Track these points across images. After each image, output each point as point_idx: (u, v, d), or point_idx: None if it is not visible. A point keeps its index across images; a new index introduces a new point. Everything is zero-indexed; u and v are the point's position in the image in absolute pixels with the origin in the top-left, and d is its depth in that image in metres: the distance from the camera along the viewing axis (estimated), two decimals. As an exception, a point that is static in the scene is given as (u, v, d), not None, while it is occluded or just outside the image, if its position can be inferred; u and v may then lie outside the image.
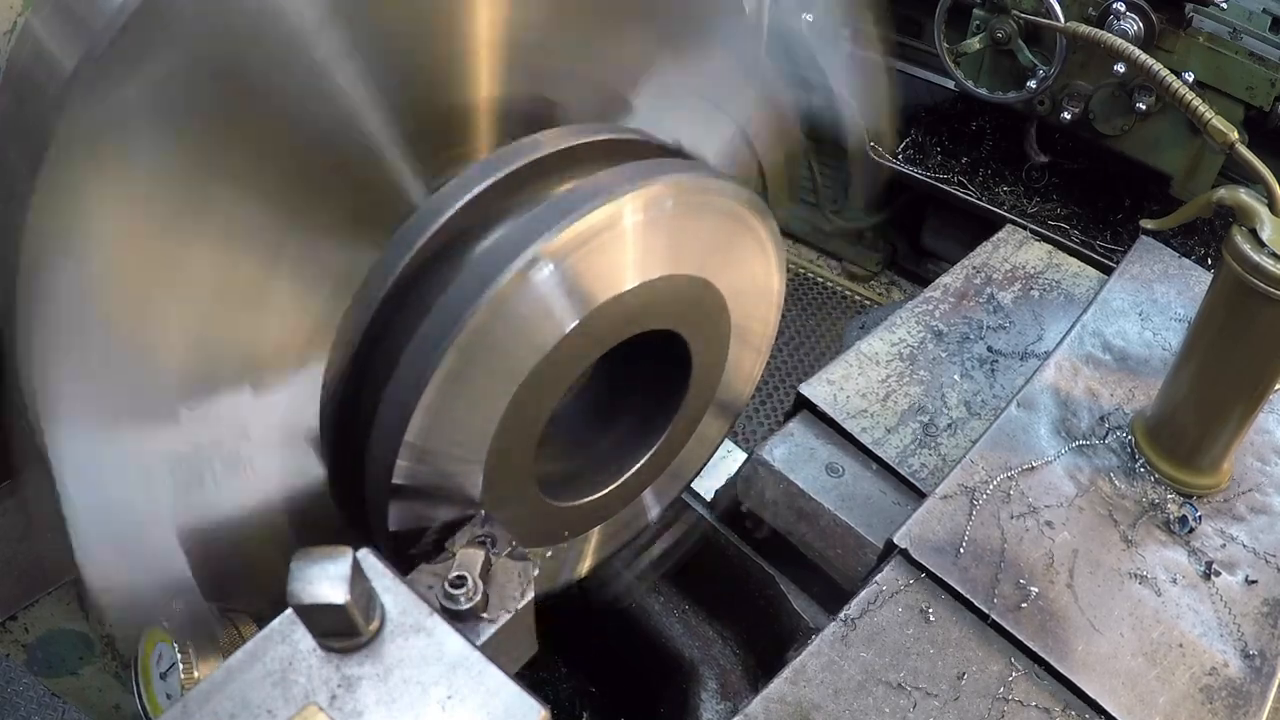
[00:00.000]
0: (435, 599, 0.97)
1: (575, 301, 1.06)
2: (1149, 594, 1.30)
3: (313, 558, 0.78)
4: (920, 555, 1.28)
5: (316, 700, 0.80)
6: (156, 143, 0.89)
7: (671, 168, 1.13)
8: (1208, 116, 1.29)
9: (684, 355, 1.28)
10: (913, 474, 1.55)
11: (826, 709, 1.15)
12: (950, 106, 3.11)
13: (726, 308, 1.28)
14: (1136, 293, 1.79)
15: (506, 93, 1.13)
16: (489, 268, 1.00)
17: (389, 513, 1.04)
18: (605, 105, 1.25)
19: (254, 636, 0.85)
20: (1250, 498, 1.45)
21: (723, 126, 1.39)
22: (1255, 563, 1.36)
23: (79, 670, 1.88)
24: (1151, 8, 2.37)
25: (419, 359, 0.99)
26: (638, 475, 1.37)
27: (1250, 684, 1.22)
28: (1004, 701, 1.17)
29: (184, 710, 0.81)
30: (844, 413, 1.62)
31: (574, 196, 1.04)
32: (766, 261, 1.30)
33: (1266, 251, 1.20)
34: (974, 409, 1.65)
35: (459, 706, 0.82)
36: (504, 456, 1.10)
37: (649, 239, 1.09)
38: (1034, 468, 1.43)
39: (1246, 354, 1.30)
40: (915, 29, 2.96)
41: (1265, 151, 1.34)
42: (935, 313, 1.82)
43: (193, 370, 1.00)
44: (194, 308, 0.98)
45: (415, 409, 0.98)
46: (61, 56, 0.91)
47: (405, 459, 1.01)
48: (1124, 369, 1.62)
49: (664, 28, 1.26)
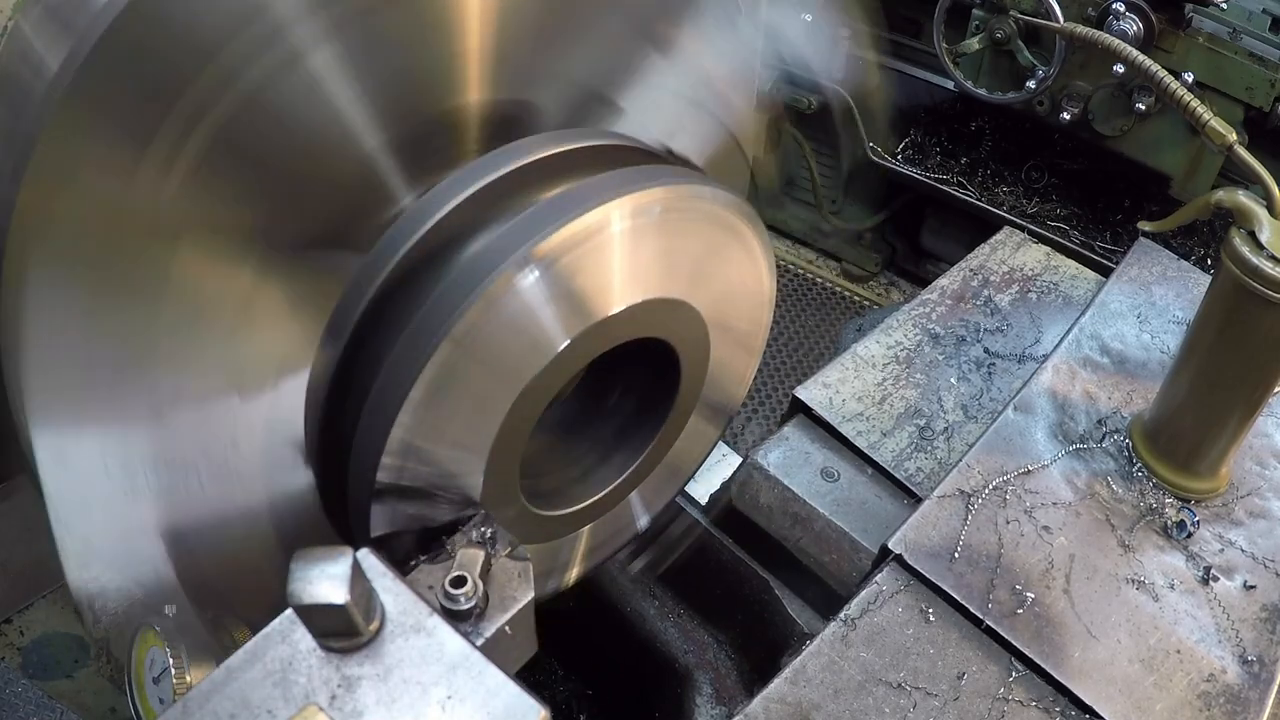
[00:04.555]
0: (435, 599, 0.97)
1: (568, 307, 1.05)
2: (1146, 599, 1.29)
3: (313, 558, 0.77)
4: (915, 560, 1.28)
5: (316, 700, 0.80)
6: (143, 147, 0.88)
7: (661, 174, 1.13)
8: (1206, 118, 1.28)
9: (673, 361, 1.27)
10: (909, 478, 1.54)
11: (826, 709, 1.14)
12: (949, 107, 3.10)
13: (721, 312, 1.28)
14: (1135, 295, 1.78)
15: (492, 98, 1.12)
16: (479, 269, 0.99)
17: (371, 515, 1.03)
18: (593, 109, 1.24)
19: (254, 636, 0.84)
20: (1249, 502, 1.44)
21: (713, 127, 1.38)
22: (1254, 568, 1.35)
23: (74, 673, 1.87)
24: (1151, 8, 2.36)
25: (406, 359, 0.98)
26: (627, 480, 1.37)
27: (1249, 690, 1.21)
28: (1004, 701, 1.16)
29: (184, 710, 0.80)
30: (840, 416, 1.61)
31: (564, 201, 1.03)
32: (756, 266, 1.30)
33: (1265, 254, 1.19)
34: (970, 412, 1.65)
35: (459, 706, 0.81)
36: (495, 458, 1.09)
37: (638, 245, 1.09)
38: (1031, 471, 1.42)
39: (1245, 357, 1.29)
40: (914, 29, 2.95)
41: (1265, 152, 1.33)
42: (932, 315, 1.81)
43: (178, 375, 0.99)
44: (179, 313, 0.97)
45: (403, 407, 0.97)
46: (47, 58, 0.91)
47: (391, 456, 1.00)
48: (1122, 372, 1.61)
49: (652, 30, 1.25)
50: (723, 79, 1.37)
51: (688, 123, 1.34)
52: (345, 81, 0.97)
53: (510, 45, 1.10)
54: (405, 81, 1.04)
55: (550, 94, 1.19)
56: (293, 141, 0.97)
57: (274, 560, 1.13)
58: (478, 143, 1.13)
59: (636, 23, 1.23)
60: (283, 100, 0.94)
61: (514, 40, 1.10)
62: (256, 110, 0.92)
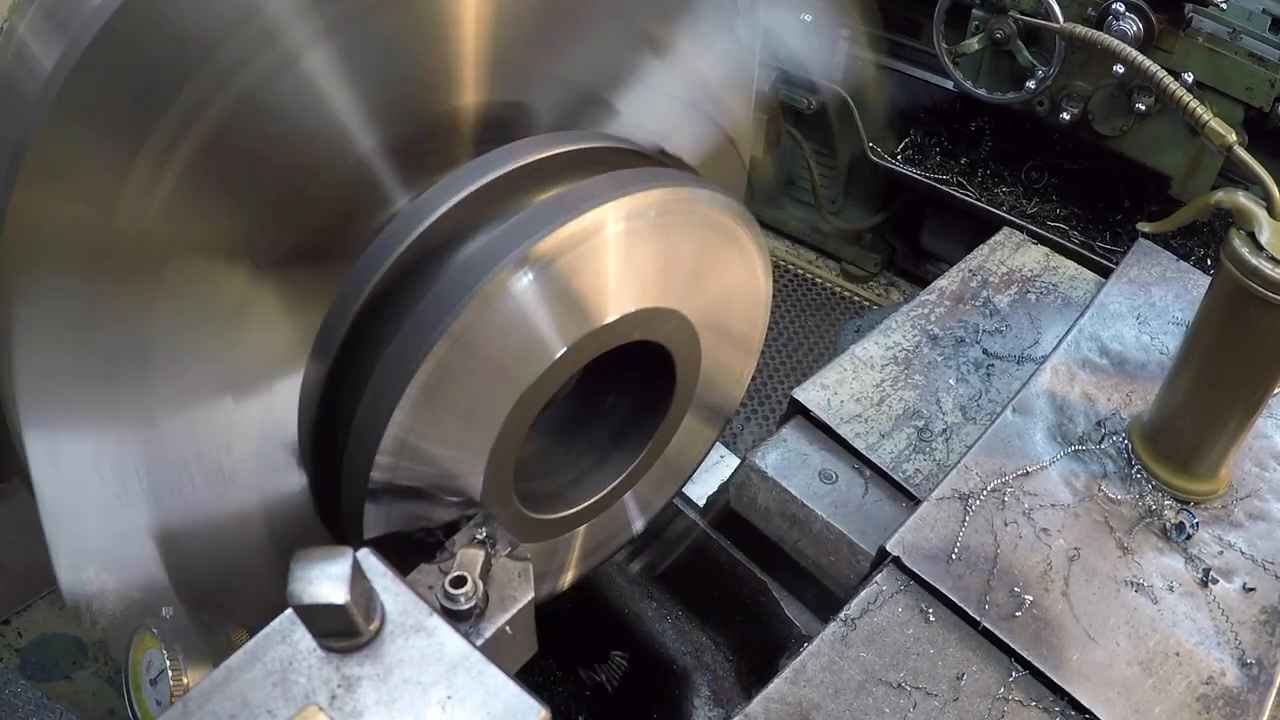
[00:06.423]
0: (435, 599, 0.97)
1: (565, 308, 1.05)
2: (1145, 602, 1.28)
3: (313, 558, 0.77)
4: (913, 562, 1.27)
5: (316, 700, 0.80)
6: (137, 149, 0.88)
7: (657, 176, 1.12)
8: (1205, 118, 1.27)
9: (669, 363, 1.27)
10: (907, 479, 1.54)
11: (826, 709, 1.14)
12: (949, 107, 3.10)
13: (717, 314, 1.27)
14: (1134, 296, 1.77)
15: (488, 99, 1.12)
16: (476, 269, 0.99)
17: (365, 515, 1.03)
18: (589, 110, 1.24)
19: (254, 636, 0.84)
20: (1248, 504, 1.43)
21: (709, 129, 1.38)
22: (1253, 570, 1.34)
23: (73, 674, 1.87)
24: (1151, 8, 2.36)
25: (402, 357, 0.98)
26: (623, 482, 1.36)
27: (1248, 693, 1.20)
28: (1004, 701, 1.16)
29: (184, 710, 0.80)
30: (838, 418, 1.61)
31: (560, 202, 1.03)
32: (751, 267, 1.30)
33: (1265, 255, 1.19)
34: (969, 414, 1.64)
35: (459, 707, 0.81)
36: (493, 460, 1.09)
37: (634, 247, 1.09)
38: (1029, 473, 1.41)
39: (1245, 358, 1.29)
40: (914, 29, 2.95)
41: (1265, 153, 1.33)
42: (931, 316, 1.81)
43: (171, 376, 0.99)
44: (172, 314, 0.97)
45: (399, 405, 0.97)
46: (43, 58, 0.90)
47: (386, 455, 0.99)
48: (1121, 373, 1.61)
49: (648, 30, 1.25)
50: (720, 81, 1.36)
51: (684, 124, 1.34)
52: (340, 83, 0.97)
53: (506, 47, 1.09)
54: (401, 83, 1.04)
55: (546, 96, 1.18)
56: (287, 143, 0.97)
57: (267, 563, 1.12)
58: (473, 144, 1.13)
59: (633, 25, 1.23)
60: (277, 101, 0.93)
61: (510, 42, 1.09)
62: (251, 111, 0.92)
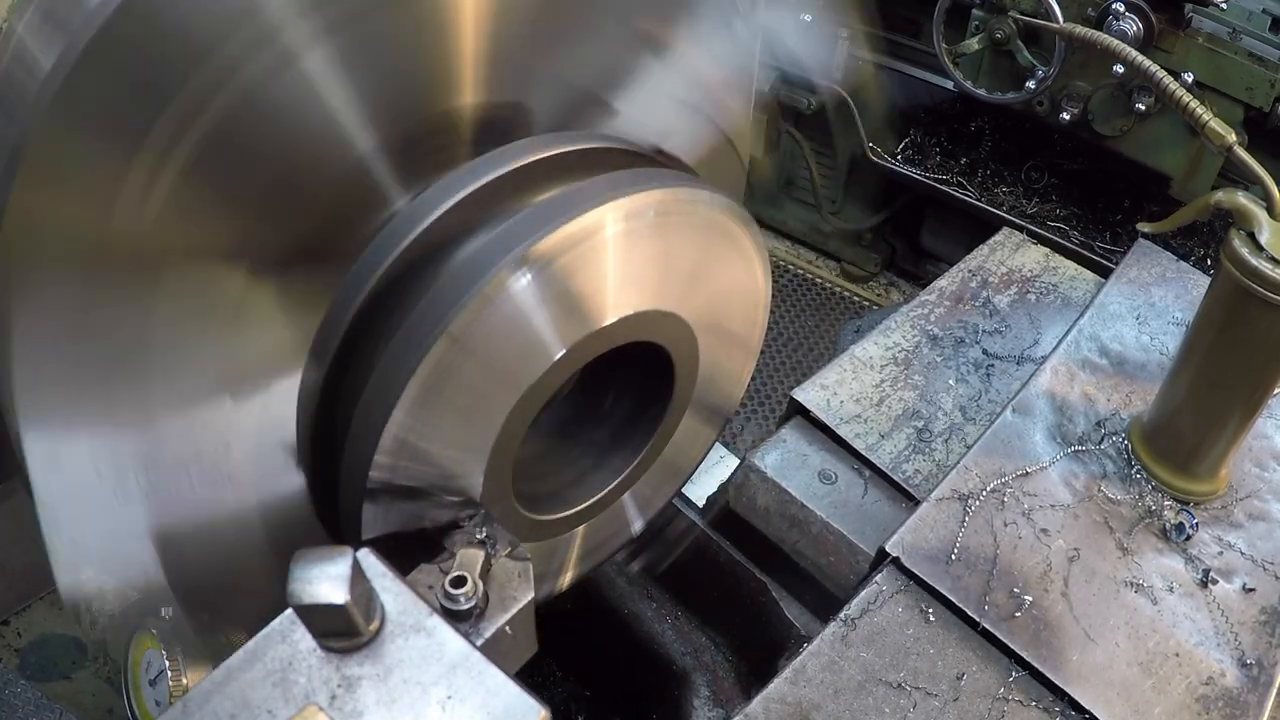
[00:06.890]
0: (435, 599, 0.97)
1: (564, 308, 1.05)
2: (1145, 602, 1.28)
3: (313, 558, 0.77)
4: (912, 563, 1.27)
5: (316, 700, 0.80)
6: (135, 149, 0.87)
7: (656, 177, 1.12)
8: (1205, 118, 1.27)
9: (668, 363, 1.27)
10: (906, 480, 1.54)
11: (826, 709, 1.14)
12: (949, 107, 3.10)
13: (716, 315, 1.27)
14: (1134, 296, 1.77)
15: (487, 100, 1.12)
16: (475, 269, 0.99)
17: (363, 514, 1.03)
18: (587, 111, 1.24)
19: (254, 636, 0.84)
20: (1248, 504, 1.43)
21: (707, 130, 1.38)
22: (1253, 570, 1.34)
23: (72, 674, 1.87)
24: (1151, 8, 2.36)
25: (401, 357, 0.98)
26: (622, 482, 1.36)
27: (1247, 694, 1.20)
28: (1004, 701, 1.16)
29: (184, 710, 0.80)
30: (837, 418, 1.61)
31: (559, 203, 1.03)
32: (750, 268, 1.30)
33: (1265, 256, 1.19)
34: (969, 414, 1.64)
35: (459, 707, 0.81)
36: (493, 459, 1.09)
37: (633, 248, 1.08)
38: (1029, 474, 1.41)
39: (1244, 359, 1.28)
40: (914, 29, 2.95)
41: (1265, 153, 1.33)
42: (930, 316, 1.81)
43: (169, 377, 0.99)
44: (171, 314, 0.97)
45: (397, 404, 0.97)
46: (41, 58, 0.90)
47: (385, 455, 0.99)
48: (1121, 373, 1.61)
49: (646, 31, 1.25)
50: (719, 81, 1.36)
51: (682, 125, 1.34)
52: (339, 84, 0.97)
53: (505, 47, 1.09)
54: (399, 84, 1.04)
55: (544, 96, 1.18)
56: (286, 143, 0.97)
57: (266, 563, 1.12)
58: (472, 145, 1.13)
59: (631, 25, 1.23)
60: (276, 102, 0.93)
61: (509, 42, 1.09)
62: (250, 112, 0.92)
